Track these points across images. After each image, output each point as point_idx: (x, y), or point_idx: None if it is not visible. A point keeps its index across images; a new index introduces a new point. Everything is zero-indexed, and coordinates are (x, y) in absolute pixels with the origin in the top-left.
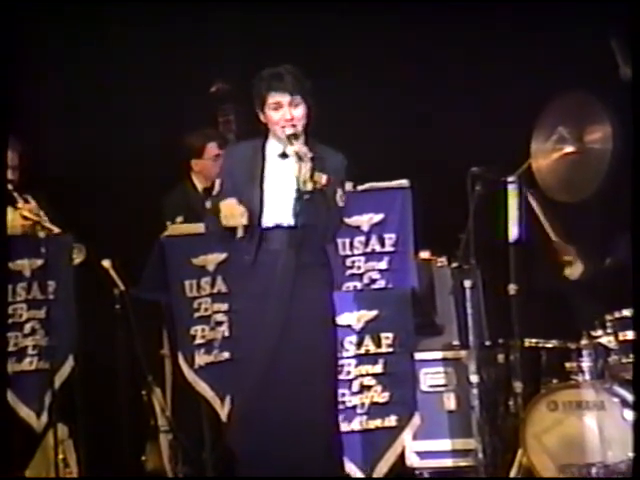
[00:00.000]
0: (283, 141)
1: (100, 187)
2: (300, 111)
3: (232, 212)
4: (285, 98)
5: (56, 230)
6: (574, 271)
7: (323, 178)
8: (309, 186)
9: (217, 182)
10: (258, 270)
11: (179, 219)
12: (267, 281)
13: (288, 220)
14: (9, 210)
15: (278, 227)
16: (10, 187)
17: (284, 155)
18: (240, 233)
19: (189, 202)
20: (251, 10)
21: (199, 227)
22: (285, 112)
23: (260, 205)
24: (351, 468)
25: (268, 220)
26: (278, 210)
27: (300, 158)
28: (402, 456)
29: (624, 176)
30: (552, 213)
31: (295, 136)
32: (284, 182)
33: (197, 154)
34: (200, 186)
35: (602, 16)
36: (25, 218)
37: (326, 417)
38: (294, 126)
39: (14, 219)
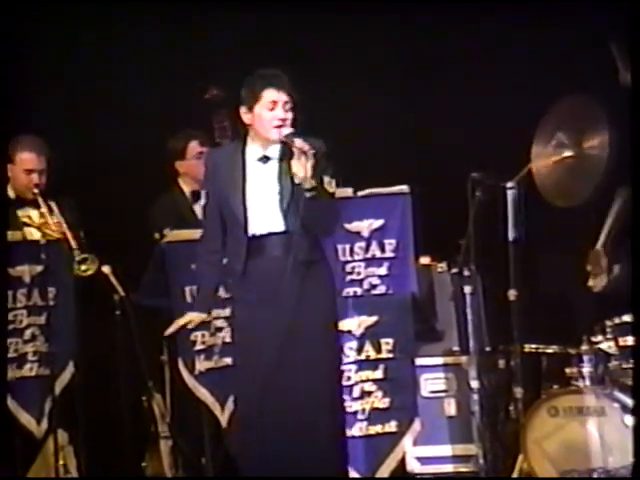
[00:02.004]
0: (271, 142)
1: (100, 192)
2: (291, 114)
3: None
4: (282, 97)
5: (56, 235)
6: (598, 283)
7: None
8: (312, 183)
9: (202, 193)
10: (252, 278)
11: (166, 231)
12: (264, 288)
13: (279, 226)
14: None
15: (270, 234)
16: (36, 192)
17: (265, 158)
18: None
19: (177, 209)
20: (247, 15)
21: (198, 233)
22: (279, 112)
23: (244, 213)
24: (352, 474)
25: (257, 228)
26: (266, 216)
27: (305, 154)
28: (403, 462)
29: (621, 182)
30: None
31: (294, 135)
32: (267, 187)
33: (180, 155)
34: (187, 189)
35: (602, 21)
36: (26, 225)
37: (330, 423)
38: (286, 126)
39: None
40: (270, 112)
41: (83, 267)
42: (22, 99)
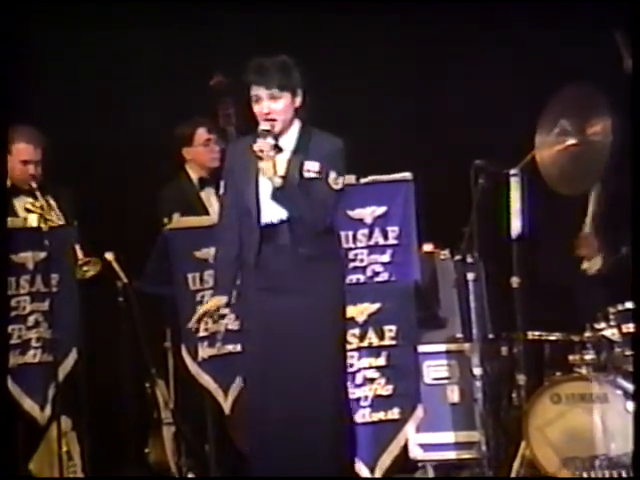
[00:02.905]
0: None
1: (102, 179)
2: (280, 105)
3: None
4: (263, 91)
5: (59, 222)
6: (592, 265)
7: (315, 166)
8: (277, 181)
9: (221, 183)
10: (263, 266)
11: (175, 215)
12: (272, 276)
13: (285, 214)
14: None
15: (279, 222)
16: (35, 186)
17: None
18: None
19: (185, 195)
20: (252, 2)
21: (202, 220)
22: (263, 106)
23: (257, 203)
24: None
25: (267, 216)
26: (275, 205)
27: (259, 157)
28: (405, 448)
29: (625, 168)
30: (558, 205)
31: (268, 132)
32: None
33: (188, 142)
34: (195, 176)
35: (604, 9)
36: (28, 211)
37: (334, 411)
38: (271, 120)
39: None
40: (257, 106)
41: (85, 268)
42: (23, 87)
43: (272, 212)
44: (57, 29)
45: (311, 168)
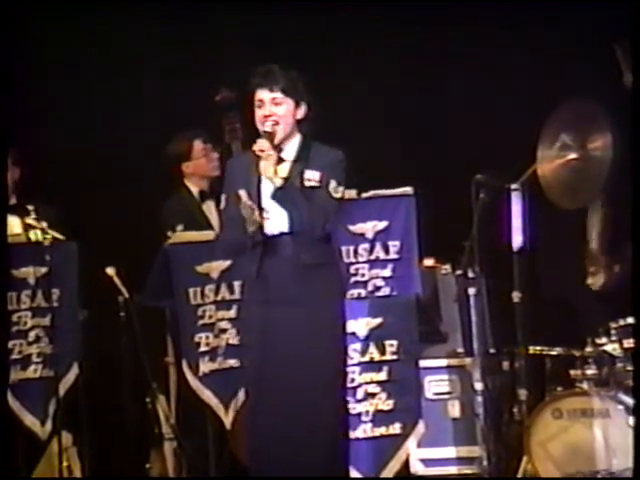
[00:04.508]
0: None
1: (103, 194)
2: (282, 109)
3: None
4: (267, 94)
5: (60, 237)
6: (597, 281)
7: (316, 175)
8: (278, 181)
9: (222, 197)
10: (265, 278)
11: (179, 228)
12: (274, 288)
13: (286, 226)
14: (13, 219)
15: (280, 234)
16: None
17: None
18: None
19: (187, 209)
20: (256, 14)
21: (203, 235)
22: (265, 109)
23: (260, 215)
24: (355, 476)
25: (268, 228)
26: (277, 217)
27: (259, 157)
28: (406, 464)
29: (625, 183)
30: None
31: (269, 134)
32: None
33: (186, 157)
34: (195, 190)
35: (604, 23)
36: (29, 226)
37: (333, 425)
38: (274, 123)
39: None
40: (259, 110)
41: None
42: (21, 102)
43: (273, 224)
44: (56, 41)
45: (311, 177)
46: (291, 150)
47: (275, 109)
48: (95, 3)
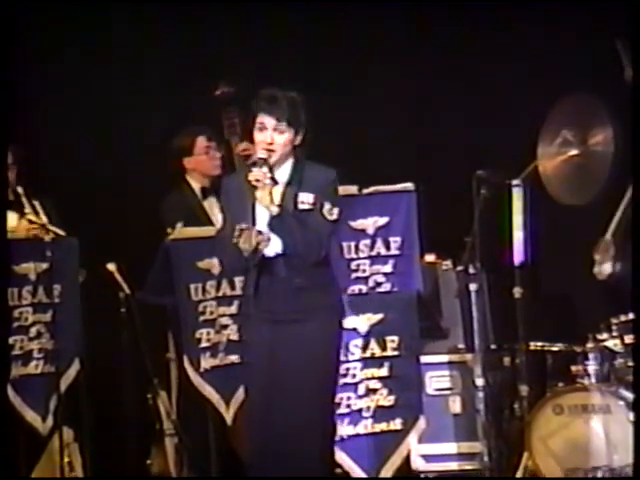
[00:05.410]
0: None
1: (104, 190)
2: (283, 138)
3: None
4: (271, 121)
5: (61, 233)
6: (603, 270)
7: (310, 197)
8: (274, 209)
9: (219, 217)
10: (260, 297)
11: (179, 225)
12: (270, 307)
13: (280, 247)
14: (11, 215)
15: (275, 256)
16: (21, 191)
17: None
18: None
19: (188, 206)
20: (255, 12)
21: (204, 230)
22: (267, 135)
23: (259, 244)
24: (356, 471)
25: (266, 251)
26: (273, 241)
27: (255, 187)
28: (407, 459)
29: (626, 178)
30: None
31: (264, 161)
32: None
33: (188, 152)
34: (197, 186)
35: (605, 18)
36: (31, 222)
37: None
38: (270, 151)
39: (18, 223)
40: (260, 134)
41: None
42: (22, 95)
43: (270, 247)
44: (58, 38)
45: (305, 200)
46: (284, 173)
47: (277, 137)
48: None
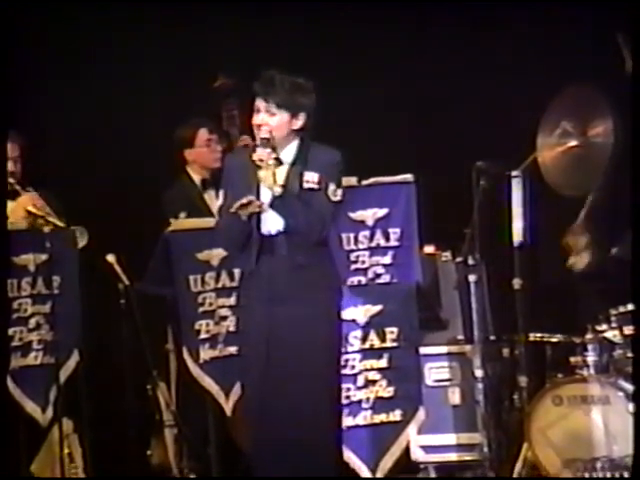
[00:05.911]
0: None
1: (104, 181)
2: (274, 121)
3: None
4: (262, 105)
5: (61, 224)
6: (579, 261)
7: (315, 177)
8: (277, 190)
9: (220, 193)
10: (261, 275)
11: (182, 215)
12: (270, 285)
13: (282, 225)
14: (11, 203)
15: (277, 234)
16: (12, 180)
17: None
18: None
19: (188, 197)
20: (255, 3)
21: (203, 222)
22: (259, 117)
23: (257, 213)
24: (356, 462)
25: (265, 227)
26: (275, 216)
27: (259, 167)
28: (407, 450)
29: (626, 169)
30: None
31: (267, 141)
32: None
33: (189, 143)
34: (197, 178)
35: (605, 10)
36: (30, 213)
37: (326, 412)
38: (269, 131)
39: (16, 212)
40: (256, 116)
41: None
42: (22, 88)
43: (270, 223)
44: (57, 29)
45: (310, 179)
46: (289, 153)
47: (268, 119)
48: None
